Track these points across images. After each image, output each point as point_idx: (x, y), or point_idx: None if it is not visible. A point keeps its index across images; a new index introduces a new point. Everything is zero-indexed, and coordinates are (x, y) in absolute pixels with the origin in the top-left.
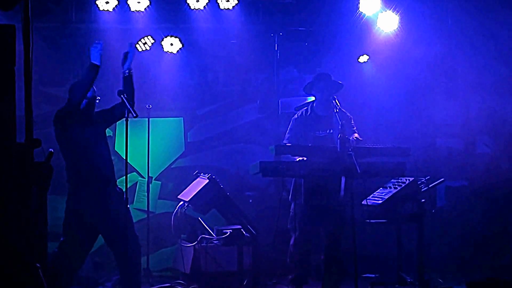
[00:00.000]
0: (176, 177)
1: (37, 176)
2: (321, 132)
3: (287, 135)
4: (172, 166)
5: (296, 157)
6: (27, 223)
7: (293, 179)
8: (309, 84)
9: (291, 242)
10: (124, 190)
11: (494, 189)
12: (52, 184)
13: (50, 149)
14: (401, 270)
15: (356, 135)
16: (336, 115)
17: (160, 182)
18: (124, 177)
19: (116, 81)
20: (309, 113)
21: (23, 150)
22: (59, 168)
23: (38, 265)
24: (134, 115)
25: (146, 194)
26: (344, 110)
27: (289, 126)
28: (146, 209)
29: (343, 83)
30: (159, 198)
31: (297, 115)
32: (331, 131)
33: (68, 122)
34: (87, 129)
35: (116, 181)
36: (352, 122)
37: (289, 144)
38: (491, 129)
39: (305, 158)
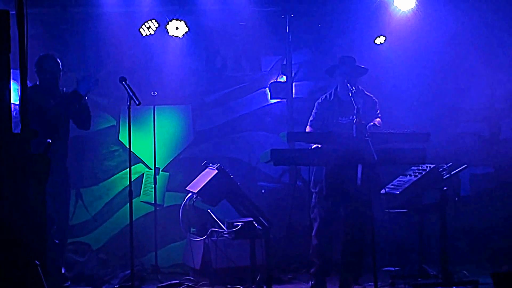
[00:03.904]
0: (185, 168)
1: (35, 168)
2: (344, 119)
3: (310, 121)
4: (180, 156)
5: (312, 144)
6: (25, 218)
7: (314, 168)
8: (332, 67)
9: (313, 232)
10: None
11: None
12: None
13: (48, 140)
14: (424, 262)
15: (378, 119)
16: (351, 99)
17: (168, 173)
18: (128, 168)
19: (116, 68)
20: (332, 97)
21: (20, 141)
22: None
23: (37, 262)
24: (137, 103)
25: (153, 186)
26: (369, 94)
27: (313, 110)
28: (153, 202)
29: (367, 68)
30: (167, 190)
31: (321, 99)
32: (355, 117)
33: None
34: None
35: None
36: (377, 106)
37: (308, 130)
38: None
39: (319, 146)
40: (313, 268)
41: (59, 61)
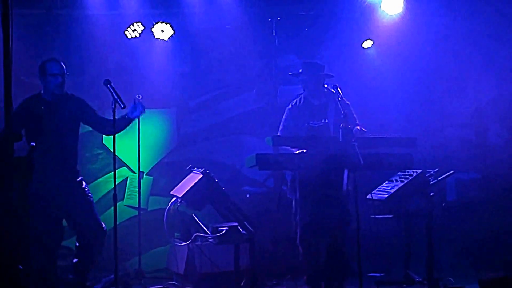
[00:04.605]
0: (169, 172)
1: (18, 171)
2: (315, 122)
3: (280, 127)
4: (164, 160)
5: (295, 149)
6: (8, 222)
7: (291, 173)
8: (297, 74)
9: (297, 241)
10: None
11: (507, 181)
12: None
13: (31, 143)
14: (409, 268)
15: (358, 127)
16: (338, 104)
17: (152, 177)
18: (112, 172)
19: (101, 70)
20: (302, 102)
21: (3, 144)
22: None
23: (20, 267)
24: (122, 106)
25: (137, 190)
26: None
27: (283, 117)
28: (137, 206)
29: (332, 75)
30: (151, 194)
31: (291, 105)
32: (326, 120)
33: None
34: None
35: None
36: (352, 109)
37: (287, 135)
38: (504, 118)
39: (304, 150)
40: (305, 276)
41: (63, 64)
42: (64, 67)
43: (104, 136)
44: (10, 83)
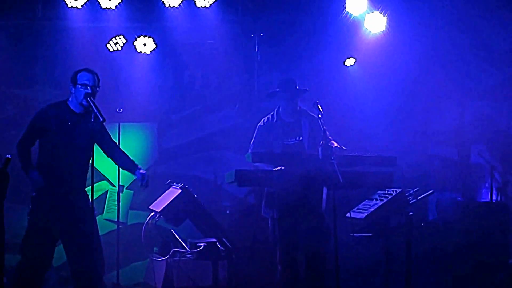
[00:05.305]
0: (150, 186)
1: None
2: (290, 140)
3: (252, 144)
4: None
5: (271, 166)
6: None
7: (265, 190)
8: (272, 93)
9: (277, 259)
10: None
11: (489, 202)
12: (11, 192)
13: (7, 155)
14: (388, 287)
15: (336, 144)
16: (318, 121)
17: (132, 191)
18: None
19: None
20: (275, 120)
21: None
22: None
23: None
24: (102, 120)
25: (116, 204)
26: (313, 114)
27: (255, 134)
28: (116, 219)
29: (308, 89)
30: (131, 208)
31: (262, 122)
32: (301, 138)
33: None
34: None
35: None
36: (324, 127)
37: (268, 152)
38: (486, 138)
39: (283, 167)
40: None
41: (96, 77)
42: (97, 80)
43: None
44: None
